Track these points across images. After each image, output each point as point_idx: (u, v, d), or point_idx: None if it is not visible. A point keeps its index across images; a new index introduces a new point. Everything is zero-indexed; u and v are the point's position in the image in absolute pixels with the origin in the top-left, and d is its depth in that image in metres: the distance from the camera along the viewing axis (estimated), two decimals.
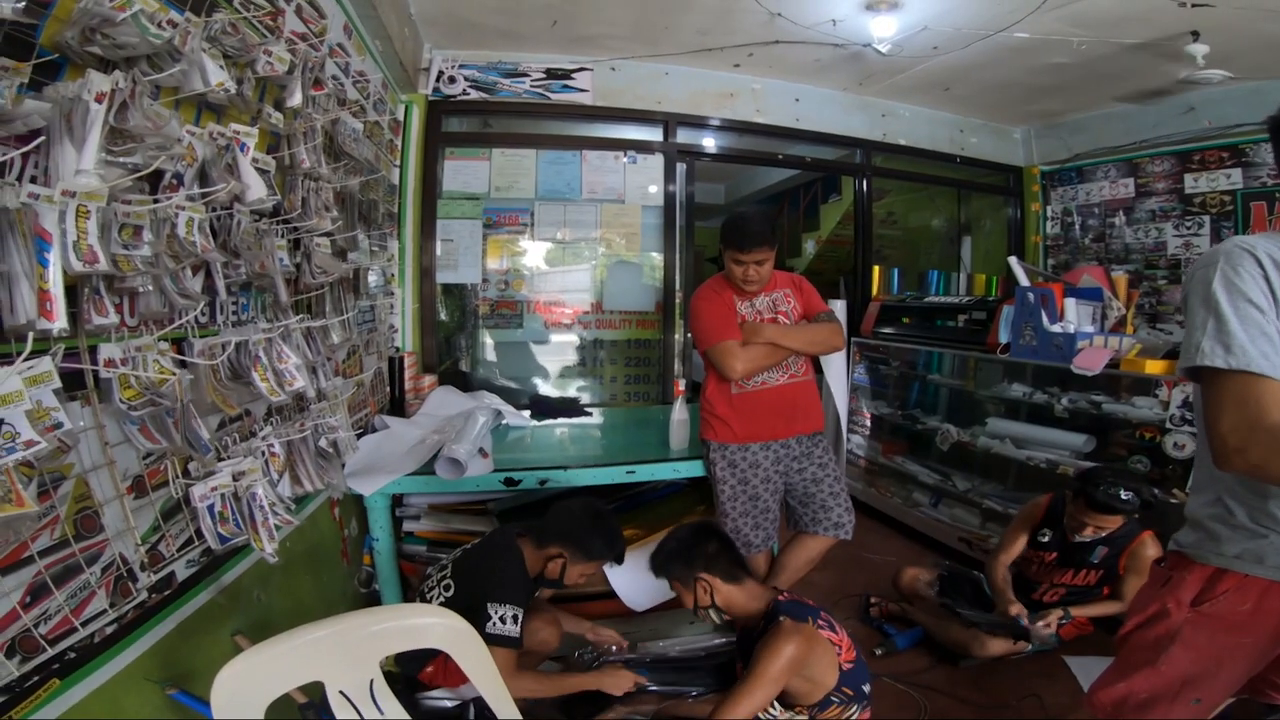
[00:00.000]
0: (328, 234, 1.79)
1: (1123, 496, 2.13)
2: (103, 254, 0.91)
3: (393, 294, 2.81)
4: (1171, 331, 2.99)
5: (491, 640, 1.48)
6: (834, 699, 1.68)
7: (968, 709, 2.16)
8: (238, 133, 1.24)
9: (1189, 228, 3.21)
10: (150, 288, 1.11)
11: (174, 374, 1.12)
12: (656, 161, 3.72)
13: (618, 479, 2.40)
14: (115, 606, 1.07)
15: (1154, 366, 2.47)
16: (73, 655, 0.98)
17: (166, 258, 1.10)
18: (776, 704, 1.69)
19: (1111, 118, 3.81)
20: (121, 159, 1.00)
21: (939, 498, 3.65)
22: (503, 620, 1.66)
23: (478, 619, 1.48)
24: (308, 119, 1.64)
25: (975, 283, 4.19)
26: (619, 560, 1.98)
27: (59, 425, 0.85)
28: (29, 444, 0.79)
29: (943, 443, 3.50)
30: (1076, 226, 3.80)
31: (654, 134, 3.75)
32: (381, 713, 1.27)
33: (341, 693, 1.23)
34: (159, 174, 1.11)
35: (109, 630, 1.06)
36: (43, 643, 0.93)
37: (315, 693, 1.25)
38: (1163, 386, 2.45)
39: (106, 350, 1.04)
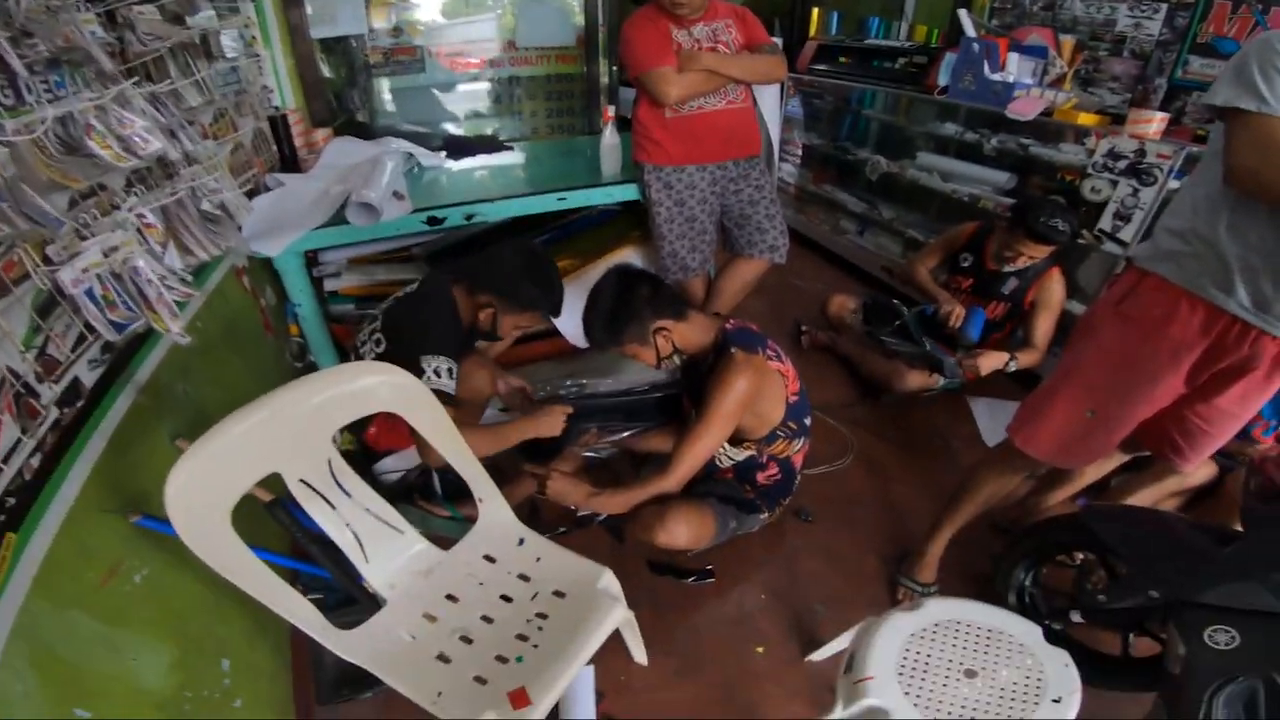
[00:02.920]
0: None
1: (1060, 227, 2.19)
2: None
3: (258, 55, 2.36)
4: (1102, 97, 3.00)
5: None
6: (780, 433, 1.75)
7: (889, 446, 2.39)
8: None
9: (1144, 10, 3.00)
10: None
11: None
12: None
13: (549, 207, 2.27)
14: (29, 433, 0.93)
15: (1087, 119, 2.52)
16: (13, 501, 0.88)
17: None
18: (726, 443, 1.75)
19: None
20: None
21: (865, 226, 3.80)
22: (437, 374, 1.55)
23: (413, 374, 1.37)
24: None
25: (916, 32, 4.11)
26: (555, 311, 1.81)
27: None
28: None
29: (872, 172, 3.58)
30: None
31: None
32: (349, 495, 1.25)
33: (302, 481, 1.19)
34: None
35: (35, 463, 0.94)
36: None
37: (277, 487, 1.20)
38: (1090, 136, 2.47)
39: None
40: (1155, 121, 2.23)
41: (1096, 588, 1.45)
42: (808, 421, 1.82)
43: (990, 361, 2.38)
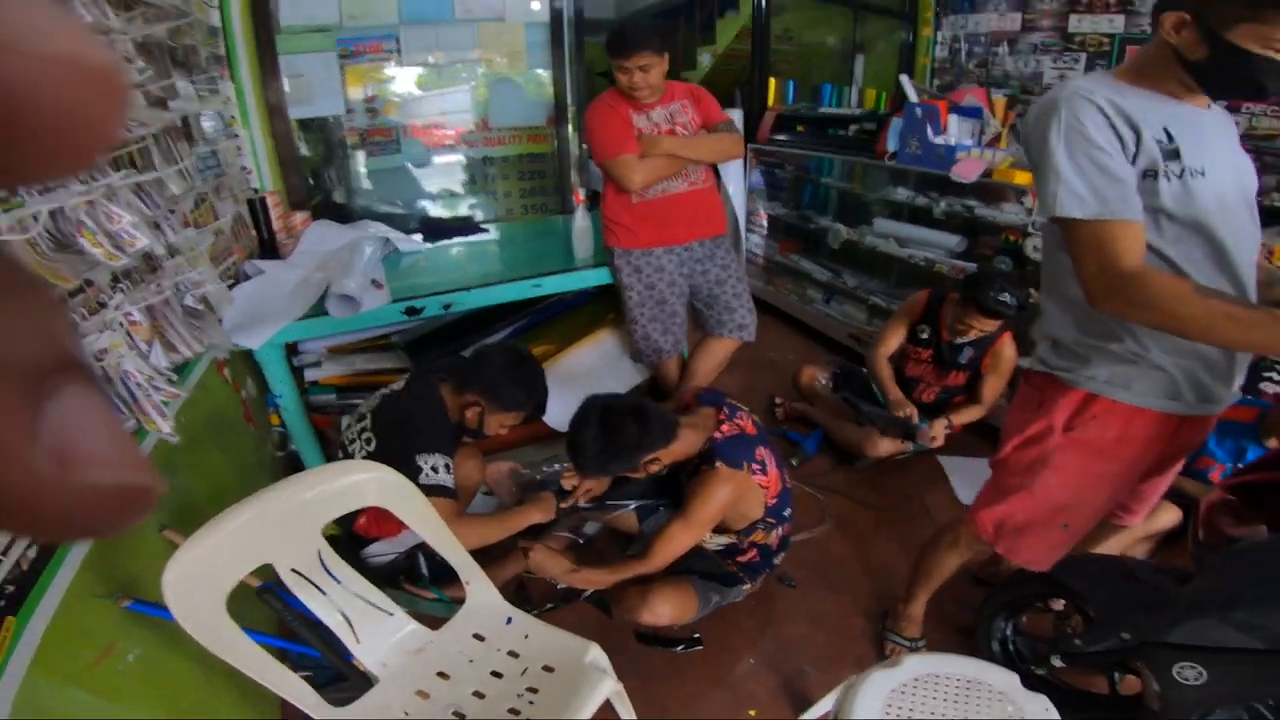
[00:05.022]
0: (138, 85, 1.53)
1: (1008, 301, 2.22)
2: None
3: (237, 135, 2.43)
4: None
5: (429, 492, 1.45)
6: (759, 526, 1.81)
7: (866, 511, 2.42)
8: None
9: (1065, 62, 3.39)
10: None
11: None
12: None
13: (525, 294, 2.34)
14: None
15: (1023, 177, 2.61)
16: (11, 588, 0.92)
17: None
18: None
19: None
20: None
21: (831, 294, 3.89)
22: (435, 470, 1.60)
23: (408, 472, 1.44)
24: None
25: (866, 97, 4.36)
26: (539, 411, 1.88)
27: None
28: None
29: (834, 241, 3.66)
30: (963, 53, 3.87)
31: None
32: (338, 581, 1.28)
33: (294, 570, 1.22)
34: None
35: (31, 554, 0.97)
36: None
37: (268, 573, 1.23)
38: (1027, 195, 2.60)
39: None
40: None
41: (1074, 633, 1.49)
42: (787, 512, 1.85)
43: (939, 433, 2.44)
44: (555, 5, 3.27)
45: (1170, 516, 1.91)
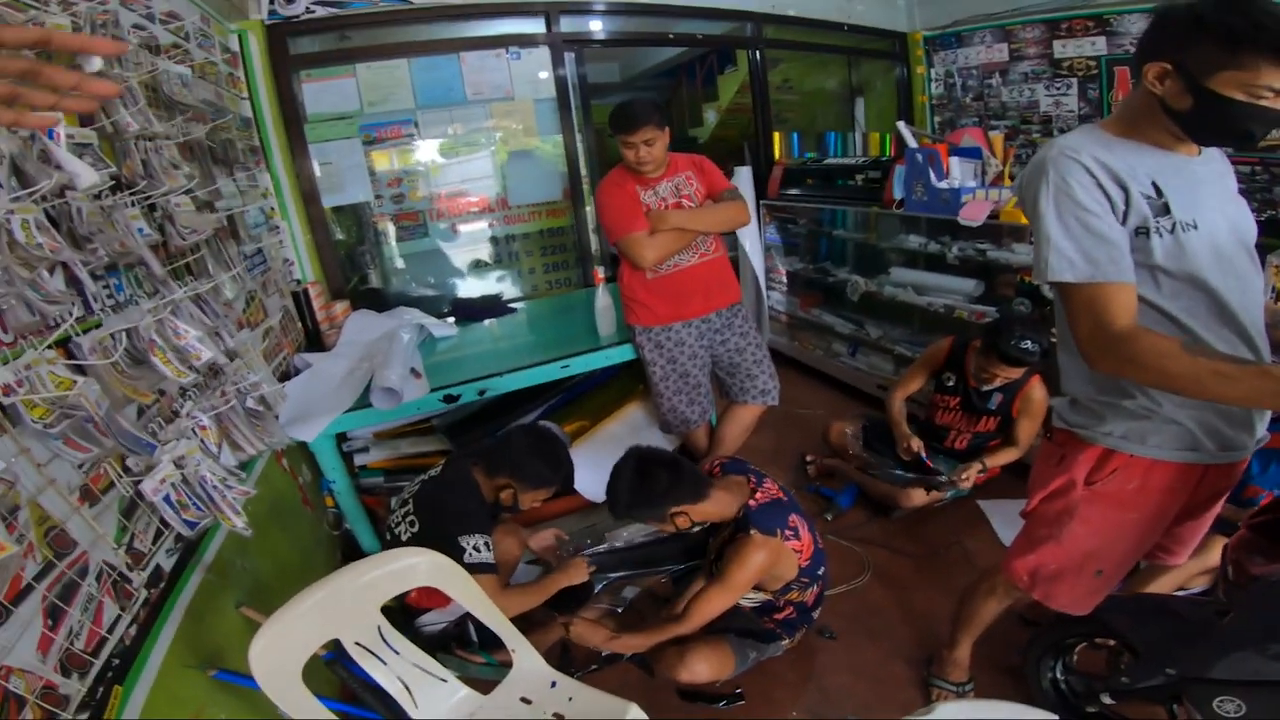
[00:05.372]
0: (187, 191, 1.64)
1: (1030, 349, 2.22)
2: None
3: (278, 228, 2.63)
4: None
5: (473, 570, 1.57)
6: (793, 586, 1.85)
7: (904, 559, 2.41)
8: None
9: (1058, 89, 3.50)
10: (14, 303, 1.02)
11: (74, 381, 1.07)
12: (543, 54, 3.46)
13: (554, 375, 2.44)
14: (125, 610, 1.13)
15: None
16: (117, 661, 1.07)
17: (17, 267, 1.01)
18: None
19: None
20: None
21: (856, 346, 3.85)
22: (476, 549, 1.72)
23: (454, 553, 1.56)
24: (119, 80, 1.43)
25: (870, 141, 4.35)
26: (565, 486, 1.97)
27: None
28: None
29: (853, 293, 3.63)
30: (958, 87, 4.07)
31: (536, 26, 3.46)
32: (397, 653, 1.40)
33: (357, 644, 1.35)
34: None
35: (132, 631, 1.13)
36: (86, 657, 1.01)
37: (333, 646, 1.36)
38: None
39: None
40: None
41: (1124, 669, 1.48)
42: (821, 571, 1.89)
43: (971, 474, 2.45)
44: (560, 76, 3.47)
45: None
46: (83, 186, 1.16)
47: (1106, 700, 1.50)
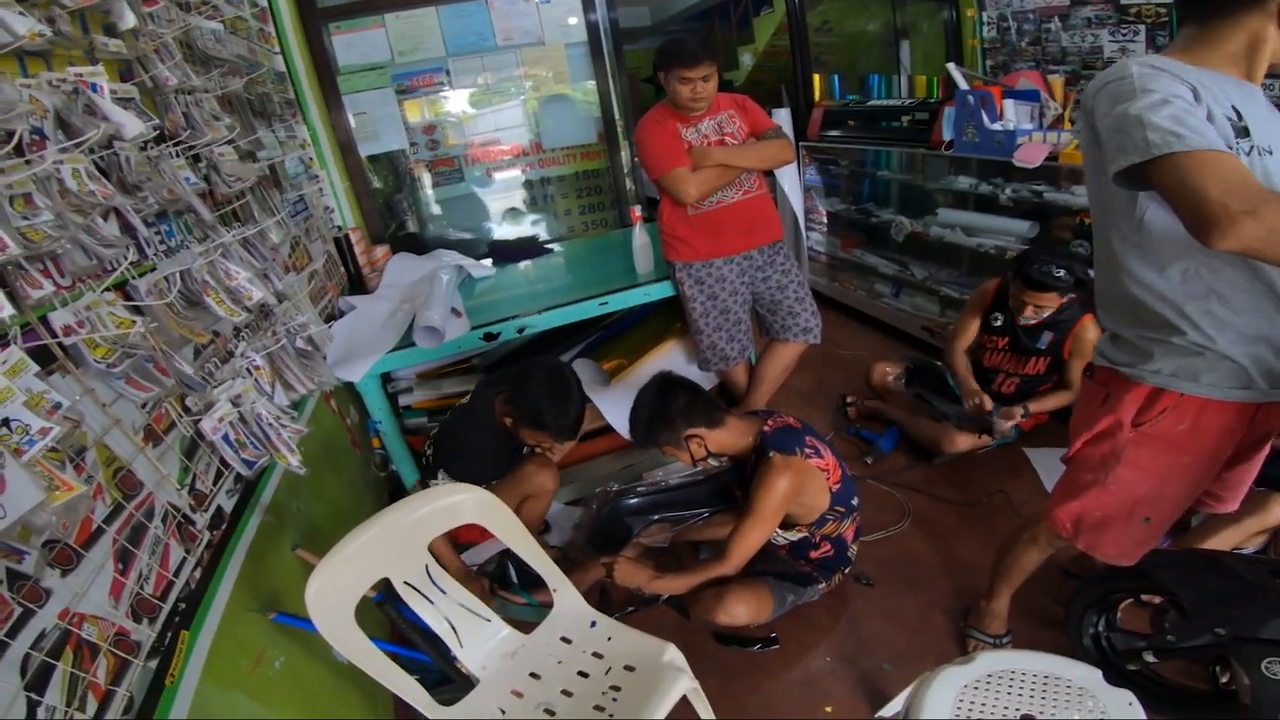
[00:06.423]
0: (229, 141, 1.66)
1: (1055, 273, 2.18)
2: (7, 237, 0.85)
3: (317, 177, 2.66)
4: None
5: None
6: (828, 517, 1.84)
7: (946, 507, 2.38)
8: (80, 75, 1.12)
9: (1124, 35, 3.20)
10: (69, 246, 1.04)
11: (134, 321, 1.10)
12: None
13: (593, 313, 2.44)
14: (191, 552, 1.17)
15: None
16: (184, 606, 1.10)
17: (71, 214, 1.03)
18: (779, 528, 1.85)
19: None
20: None
21: (899, 288, 3.79)
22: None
23: (428, 480, 1.62)
24: (154, 36, 1.44)
25: (916, 85, 4.21)
26: (563, 436, 1.91)
27: (58, 405, 0.87)
28: (43, 431, 0.80)
29: (897, 234, 3.58)
30: (1013, 30, 3.73)
31: None
32: (444, 592, 1.45)
33: (406, 583, 1.39)
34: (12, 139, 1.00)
35: (197, 575, 1.17)
36: (155, 601, 1.04)
37: (383, 586, 1.40)
38: None
39: (58, 318, 1.00)
40: None
41: (1169, 628, 1.46)
42: (854, 502, 1.89)
43: (1015, 416, 2.40)
44: (591, 19, 3.37)
45: None
46: (129, 135, 1.18)
47: (1149, 659, 1.48)
